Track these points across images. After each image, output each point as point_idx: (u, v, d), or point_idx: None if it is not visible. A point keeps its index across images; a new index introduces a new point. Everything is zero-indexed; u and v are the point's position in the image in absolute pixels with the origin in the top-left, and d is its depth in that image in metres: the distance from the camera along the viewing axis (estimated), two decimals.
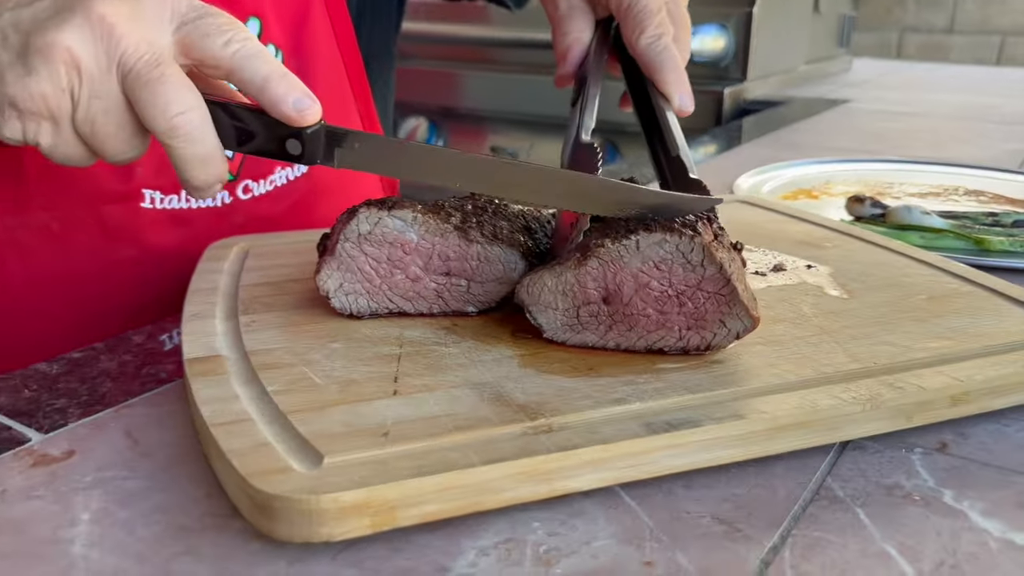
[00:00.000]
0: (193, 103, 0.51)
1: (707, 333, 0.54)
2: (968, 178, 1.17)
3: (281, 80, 0.52)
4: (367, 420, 0.46)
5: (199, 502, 0.45)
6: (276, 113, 0.52)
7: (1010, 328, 0.59)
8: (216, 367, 0.51)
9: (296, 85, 0.52)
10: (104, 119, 0.51)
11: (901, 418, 0.50)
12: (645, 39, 0.72)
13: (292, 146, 0.53)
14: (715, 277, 0.52)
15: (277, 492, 0.39)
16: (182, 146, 0.51)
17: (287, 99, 0.52)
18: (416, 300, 0.60)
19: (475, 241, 0.59)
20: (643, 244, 0.52)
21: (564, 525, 0.43)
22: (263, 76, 0.51)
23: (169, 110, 0.50)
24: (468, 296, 0.60)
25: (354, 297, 0.59)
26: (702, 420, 0.46)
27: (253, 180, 0.82)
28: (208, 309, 0.59)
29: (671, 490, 0.46)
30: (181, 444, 0.49)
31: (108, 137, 0.51)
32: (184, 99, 0.50)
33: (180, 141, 0.51)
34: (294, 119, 0.52)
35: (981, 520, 0.45)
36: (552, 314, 0.55)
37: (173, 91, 0.50)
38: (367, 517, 0.40)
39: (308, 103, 0.52)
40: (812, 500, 0.46)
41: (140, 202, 0.77)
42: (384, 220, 0.57)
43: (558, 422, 0.46)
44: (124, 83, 0.50)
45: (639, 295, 0.53)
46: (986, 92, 2.04)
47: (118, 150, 0.52)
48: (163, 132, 0.50)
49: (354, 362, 0.53)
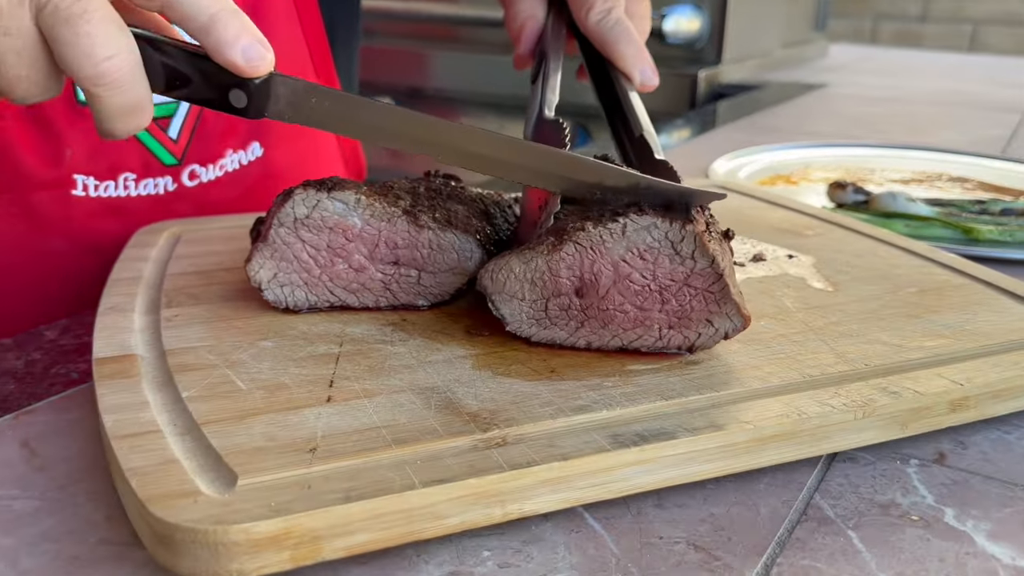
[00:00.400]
0: (123, 45, 0.43)
1: (691, 333, 0.49)
2: (952, 164, 1.12)
3: (230, 20, 0.44)
4: (293, 432, 0.40)
5: (97, 527, 0.39)
6: (221, 59, 0.44)
7: (1010, 325, 0.54)
8: (127, 368, 0.45)
9: (248, 27, 0.44)
10: (14, 59, 0.43)
11: (895, 427, 0.45)
12: (595, 15, 0.66)
13: (236, 97, 0.45)
14: (705, 272, 0.47)
15: (178, 521, 0.33)
16: (108, 95, 0.43)
17: (235, 44, 0.43)
18: (360, 292, 0.54)
19: (426, 227, 0.53)
20: (630, 229, 0.47)
21: (518, 554, 0.38)
22: (209, 14, 0.43)
23: (95, 53, 0.42)
24: (419, 288, 0.54)
25: (290, 289, 0.53)
26: (676, 431, 0.41)
27: (200, 165, 0.75)
28: (127, 301, 0.53)
29: (641, 511, 0.41)
30: (84, 457, 0.43)
31: (18, 80, 0.43)
32: (112, 40, 0.42)
33: (106, 90, 0.43)
34: (242, 68, 0.44)
35: (988, 544, 0.40)
36: (518, 305, 0.49)
37: (99, 30, 0.42)
38: (286, 550, 0.34)
39: (260, 51, 0.44)
40: (799, 521, 0.41)
41: (71, 189, 0.70)
42: (323, 203, 0.51)
43: (513, 434, 0.41)
44: (39, 18, 0.42)
45: (617, 287, 0.48)
46: (964, 78, 2.01)
47: (28, 93, 0.44)
48: (86, 79, 0.42)
49: (285, 363, 0.47)
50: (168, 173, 0.74)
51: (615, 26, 0.66)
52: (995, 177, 1.07)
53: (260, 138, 0.79)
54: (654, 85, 0.66)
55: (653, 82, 0.66)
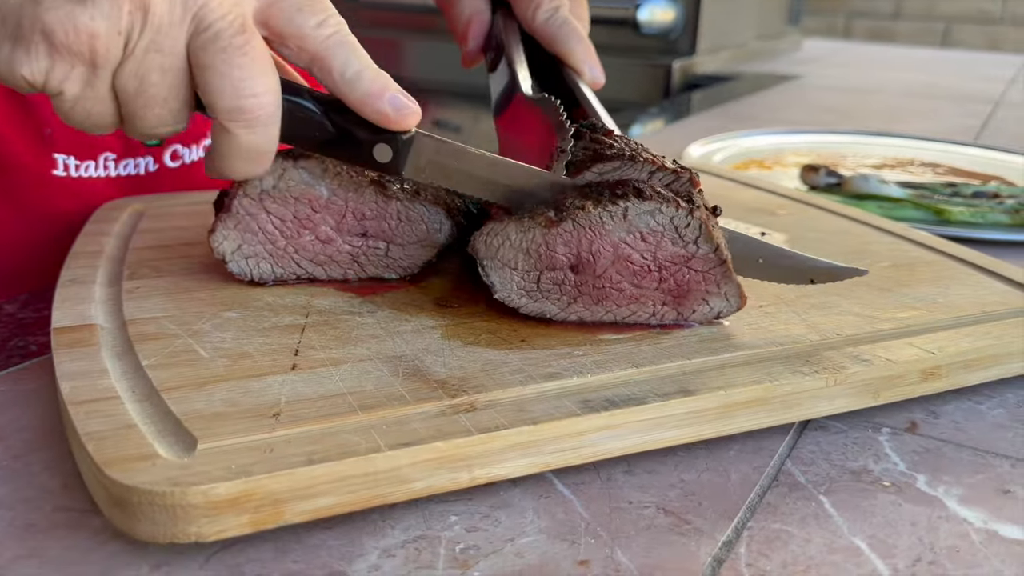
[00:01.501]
0: (271, 86, 0.41)
1: (685, 310, 0.48)
2: (924, 151, 1.13)
3: (377, 75, 0.43)
4: (256, 398, 0.39)
5: (53, 495, 0.37)
6: (369, 111, 0.44)
7: (982, 299, 0.54)
8: (86, 337, 0.44)
9: (392, 83, 0.44)
10: (158, 79, 0.40)
11: (867, 395, 0.45)
12: (543, 13, 0.66)
13: (380, 152, 0.45)
14: (708, 257, 0.47)
15: (134, 484, 0.32)
16: (242, 133, 0.41)
17: (383, 96, 0.43)
18: (328, 265, 0.53)
19: (395, 197, 0.52)
20: (632, 213, 0.46)
21: (486, 519, 0.37)
22: (357, 68, 0.43)
23: (244, 88, 0.40)
24: (387, 260, 0.53)
25: (255, 261, 0.52)
26: (647, 397, 0.40)
27: (183, 145, 0.74)
28: (88, 274, 0.52)
29: (611, 477, 0.40)
30: (41, 428, 0.42)
31: (152, 102, 0.41)
32: (263, 78, 0.41)
33: (242, 127, 0.41)
34: (391, 119, 0.44)
35: (960, 508, 0.39)
36: (509, 274, 0.48)
37: (254, 66, 0.40)
38: (246, 514, 0.33)
39: (406, 102, 0.44)
40: (770, 487, 0.40)
41: (52, 169, 0.68)
42: (289, 172, 0.50)
43: (482, 400, 0.40)
44: (194, 42, 0.40)
45: (616, 267, 0.47)
46: (936, 72, 2.02)
47: (157, 121, 0.42)
48: (226, 111, 0.41)
49: (249, 333, 0.46)
50: (149, 153, 0.72)
51: (563, 24, 0.66)
52: (966, 163, 1.07)
53: None
54: (601, 83, 0.67)
55: (600, 80, 0.67)
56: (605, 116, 0.60)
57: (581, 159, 0.48)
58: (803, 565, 0.35)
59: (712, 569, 0.35)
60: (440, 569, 0.34)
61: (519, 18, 0.68)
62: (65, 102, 0.40)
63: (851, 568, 0.35)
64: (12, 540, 0.35)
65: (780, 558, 0.36)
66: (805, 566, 0.35)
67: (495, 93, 0.64)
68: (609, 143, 0.49)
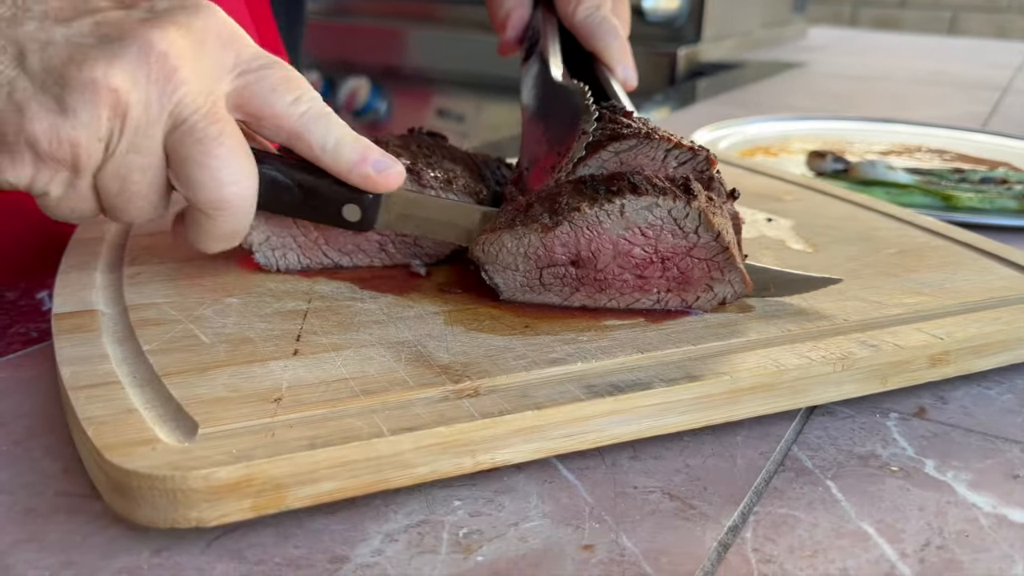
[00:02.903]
0: (249, 171, 0.42)
1: (689, 296, 0.48)
2: (931, 137, 1.12)
3: (357, 142, 0.45)
4: (257, 383, 0.39)
5: (53, 480, 0.37)
6: (354, 178, 0.45)
7: (991, 284, 0.54)
8: (87, 323, 0.44)
9: (372, 146, 0.45)
10: (139, 177, 0.41)
11: (875, 380, 0.44)
12: (583, 10, 0.66)
13: (350, 211, 0.47)
14: (710, 245, 0.46)
15: (134, 468, 0.32)
16: (221, 220, 0.42)
17: (367, 161, 0.45)
18: (355, 254, 0.52)
19: (429, 186, 0.51)
20: (629, 209, 0.45)
21: (490, 504, 0.37)
22: (336, 139, 0.44)
23: (222, 178, 0.41)
24: (415, 249, 0.53)
25: (282, 252, 0.51)
26: (652, 382, 0.40)
27: None
28: (90, 260, 0.52)
29: (615, 462, 0.40)
30: (42, 413, 0.42)
31: (134, 197, 0.42)
32: (240, 167, 0.41)
33: (221, 215, 0.42)
34: (376, 183, 0.45)
35: (969, 493, 0.39)
36: (511, 275, 0.48)
37: (231, 155, 0.41)
38: (248, 498, 0.33)
39: (388, 163, 0.45)
40: (776, 472, 0.40)
41: None
42: None
43: (486, 385, 0.40)
44: (171, 137, 0.40)
45: (617, 261, 0.47)
46: (943, 59, 2.01)
47: (141, 212, 0.43)
48: (206, 202, 0.41)
49: (251, 319, 0.45)
50: None
51: (603, 22, 0.66)
52: (974, 149, 1.07)
53: None
54: (633, 85, 0.68)
55: (633, 83, 0.67)
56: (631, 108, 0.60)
57: (598, 139, 0.48)
58: (810, 550, 0.35)
59: (718, 554, 0.34)
60: (443, 554, 0.34)
61: (560, 13, 0.69)
62: (50, 201, 0.42)
63: (859, 553, 0.35)
64: (13, 525, 0.35)
65: (787, 543, 0.35)
66: (812, 551, 0.35)
67: (526, 82, 0.64)
68: (627, 123, 0.49)
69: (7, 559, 0.33)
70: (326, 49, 2.11)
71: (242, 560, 0.33)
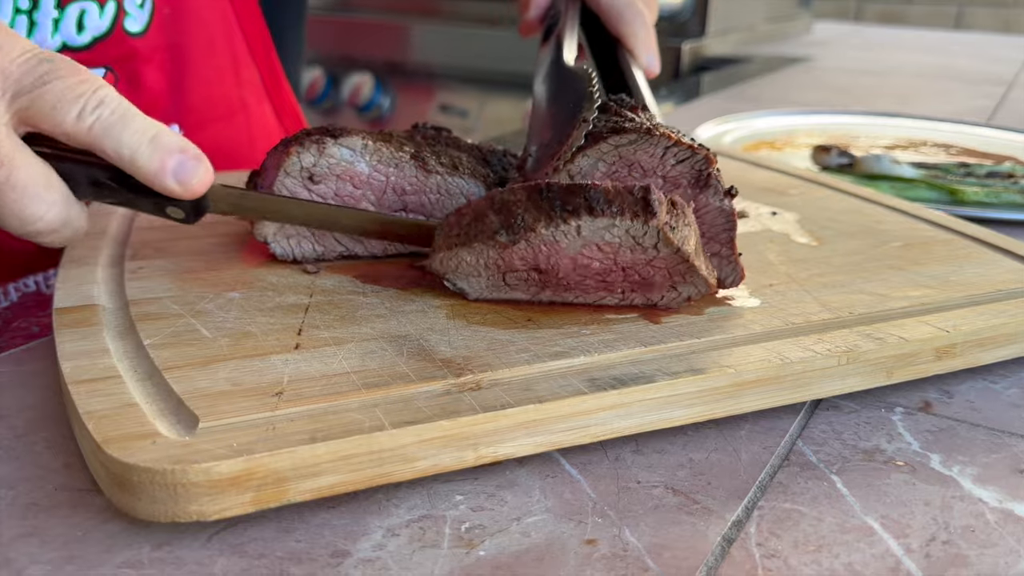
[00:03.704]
0: (51, 202, 0.42)
1: (654, 295, 0.47)
2: (937, 132, 1.12)
3: (153, 151, 0.42)
4: (259, 377, 0.39)
5: (55, 474, 0.37)
6: (155, 186, 0.42)
7: (996, 277, 0.53)
8: (88, 317, 0.44)
9: (172, 147, 0.42)
10: None
11: (880, 373, 0.44)
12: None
13: (173, 211, 0.45)
14: (670, 257, 0.45)
15: (135, 462, 0.32)
16: (46, 241, 0.43)
17: (164, 172, 0.42)
18: (368, 242, 0.52)
19: (434, 171, 0.51)
20: (585, 230, 0.44)
21: (492, 498, 0.37)
22: (131, 149, 0.41)
23: (25, 217, 0.41)
24: None
25: (296, 240, 0.51)
26: (655, 375, 0.40)
27: None
28: (91, 255, 0.52)
29: (618, 456, 0.40)
30: (44, 408, 0.42)
31: None
32: (40, 200, 0.41)
33: (45, 238, 0.43)
34: (178, 193, 0.43)
35: (974, 488, 0.39)
36: (475, 280, 0.47)
37: (25, 197, 0.41)
38: (249, 492, 0.33)
39: (191, 168, 0.42)
40: (781, 466, 0.40)
41: None
42: (330, 149, 0.49)
43: (488, 379, 0.39)
44: None
45: (577, 272, 0.46)
46: (948, 53, 2.00)
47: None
48: (23, 235, 0.42)
49: (252, 313, 0.45)
50: None
51: (629, 6, 0.66)
52: (979, 143, 1.06)
53: (180, 119, 0.73)
54: (656, 72, 0.67)
55: (656, 69, 0.67)
56: (651, 101, 0.60)
57: (598, 130, 0.48)
58: (814, 544, 0.35)
59: (722, 548, 0.34)
60: (445, 548, 0.34)
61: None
62: None
63: (864, 547, 0.34)
64: (14, 519, 0.34)
65: (791, 537, 0.35)
66: (817, 545, 0.35)
67: (539, 64, 0.64)
68: (631, 117, 0.48)
69: (8, 553, 0.33)
70: (329, 45, 2.10)
71: (243, 554, 0.33)
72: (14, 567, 0.32)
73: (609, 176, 0.48)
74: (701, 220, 0.48)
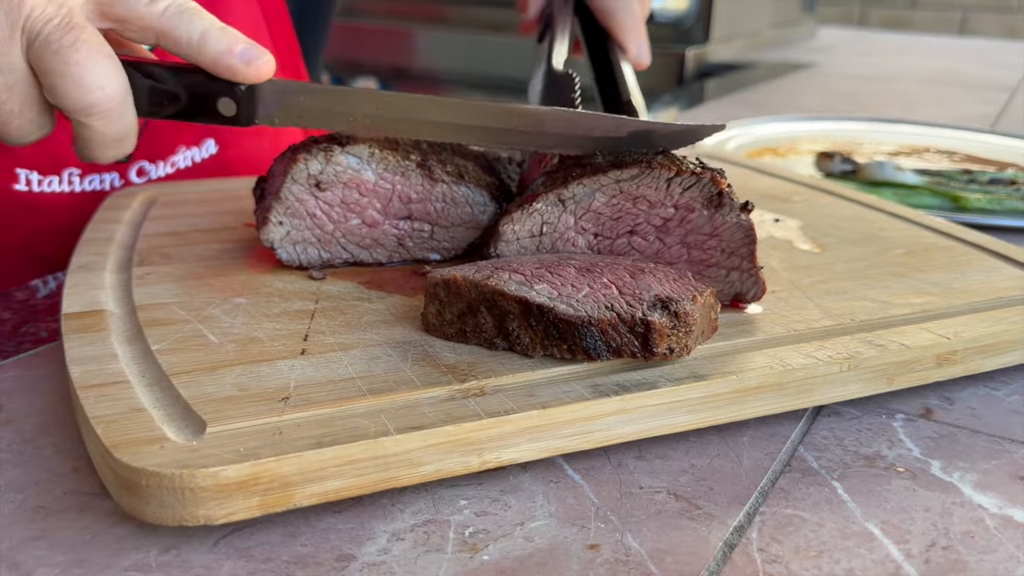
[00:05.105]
0: (113, 75, 0.42)
1: None
2: (940, 138, 1.12)
3: (223, 33, 0.44)
4: (265, 383, 0.39)
5: (63, 478, 0.37)
6: (220, 68, 0.44)
7: (998, 284, 0.54)
8: (96, 322, 0.44)
9: (240, 36, 0.44)
10: (6, 96, 0.42)
11: (882, 380, 0.44)
12: None
13: (224, 106, 0.45)
14: None
15: (143, 466, 0.32)
16: (99, 125, 0.43)
17: (232, 50, 0.44)
18: (374, 248, 0.53)
19: (440, 180, 0.52)
20: None
21: (496, 503, 0.37)
22: (200, 31, 0.43)
23: (85, 83, 0.41)
24: (432, 243, 0.53)
25: (303, 247, 0.52)
26: (658, 382, 0.40)
27: (150, 162, 0.72)
28: (99, 260, 0.52)
29: (621, 462, 0.40)
30: (52, 412, 0.42)
31: (9, 116, 0.43)
32: (102, 70, 0.42)
33: (97, 119, 0.42)
34: (243, 72, 0.44)
35: (975, 494, 0.39)
36: None
37: (90, 60, 0.41)
38: (255, 496, 0.33)
39: (257, 53, 0.44)
40: (782, 472, 0.40)
41: (14, 184, 0.67)
42: (337, 157, 0.50)
43: (491, 384, 0.40)
44: (30, 52, 0.41)
45: None
46: (952, 59, 2.00)
47: (22, 131, 0.43)
48: (77, 110, 0.42)
49: (259, 319, 0.46)
50: (115, 169, 0.71)
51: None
52: (982, 150, 1.06)
53: (216, 135, 0.76)
54: (646, 63, 0.68)
55: (645, 60, 0.67)
56: (635, 90, 0.60)
57: (600, 163, 0.47)
58: (816, 550, 0.35)
59: (723, 554, 0.34)
60: (449, 553, 0.34)
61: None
62: None
63: (864, 553, 0.35)
64: (23, 522, 0.35)
65: (792, 543, 0.35)
66: (818, 551, 0.35)
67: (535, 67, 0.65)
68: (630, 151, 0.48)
69: (17, 556, 0.33)
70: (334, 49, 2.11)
71: (250, 558, 0.33)
72: (23, 570, 0.32)
73: (610, 207, 0.48)
74: (720, 238, 0.48)
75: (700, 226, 0.48)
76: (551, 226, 0.48)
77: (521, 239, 0.49)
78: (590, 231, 0.49)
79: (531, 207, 0.48)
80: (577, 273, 0.44)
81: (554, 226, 0.48)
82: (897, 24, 3.64)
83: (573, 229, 0.48)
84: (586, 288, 0.42)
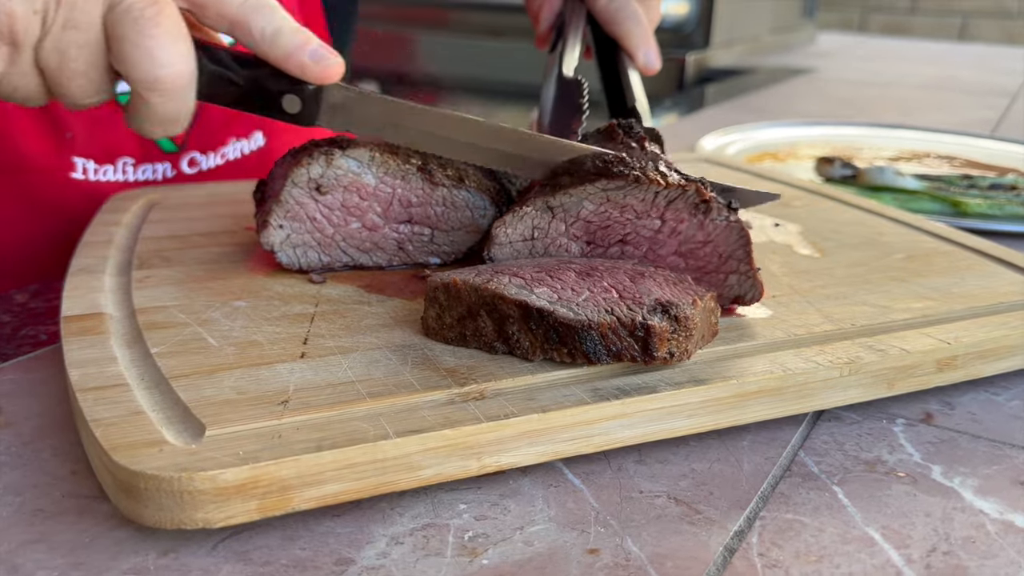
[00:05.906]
0: (185, 55, 0.42)
1: None
2: (939, 144, 1.12)
3: (296, 31, 0.44)
4: (264, 386, 0.39)
5: (62, 481, 0.37)
6: (291, 66, 0.44)
7: (998, 289, 0.53)
8: (95, 325, 0.44)
9: (312, 37, 0.45)
10: (76, 53, 0.42)
11: (882, 385, 0.44)
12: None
13: (289, 103, 0.46)
14: None
15: (141, 469, 0.32)
16: (159, 102, 0.43)
17: (304, 49, 0.44)
18: (374, 252, 0.53)
19: (440, 184, 0.52)
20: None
21: (495, 507, 0.37)
22: (275, 27, 0.44)
23: (157, 58, 0.41)
24: (432, 247, 0.53)
25: (303, 250, 0.52)
26: (658, 386, 0.40)
27: (201, 152, 0.74)
28: (98, 263, 0.52)
29: (621, 466, 0.40)
30: (51, 415, 0.42)
31: (75, 75, 0.42)
32: (175, 48, 0.42)
33: (159, 96, 0.42)
34: (313, 72, 0.45)
35: (975, 499, 0.39)
36: None
37: (166, 36, 0.41)
38: (254, 500, 0.33)
39: (327, 55, 0.45)
40: (783, 477, 0.40)
41: (70, 172, 0.68)
42: (338, 161, 0.50)
43: (491, 388, 0.40)
44: (109, 15, 0.41)
45: None
46: (952, 65, 2.01)
47: (83, 92, 0.43)
48: (142, 82, 0.42)
49: (259, 322, 0.46)
50: (167, 159, 0.73)
51: (623, 7, 0.67)
52: (983, 155, 1.06)
53: (264, 127, 0.78)
54: (656, 69, 0.68)
55: (655, 65, 0.68)
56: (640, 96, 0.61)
57: (588, 172, 0.47)
58: (816, 555, 0.35)
59: (723, 558, 0.34)
60: (448, 557, 0.34)
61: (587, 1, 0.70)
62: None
63: (864, 558, 0.35)
64: (21, 525, 0.35)
65: (793, 548, 0.35)
66: (818, 556, 0.35)
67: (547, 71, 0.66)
68: (620, 159, 0.48)
69: (16, 559, 0.33)
70: None
71: (248, 561, 0.33)
72: (21, 573, 0.32)
73: (599, 216, 0.48)
74: (714, 243, 0.48)
75: (692, 235, 0.48)
76: (542, 231, 0.48)
77: (514, 243, 0.49)
78: (582, 239, 0.49)
79: (521, 211, 0.48)
80: (577, 277, 0.43)
81: (545, 231, 0.48)
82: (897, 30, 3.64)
83: (565, 236, 0.48)
84: (586, 292, 0.42)
